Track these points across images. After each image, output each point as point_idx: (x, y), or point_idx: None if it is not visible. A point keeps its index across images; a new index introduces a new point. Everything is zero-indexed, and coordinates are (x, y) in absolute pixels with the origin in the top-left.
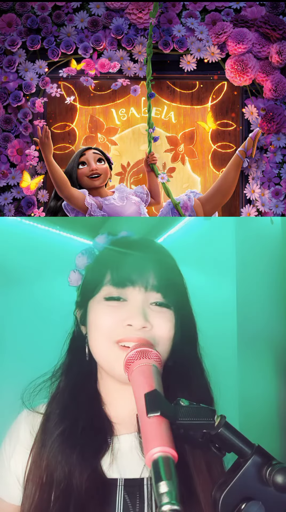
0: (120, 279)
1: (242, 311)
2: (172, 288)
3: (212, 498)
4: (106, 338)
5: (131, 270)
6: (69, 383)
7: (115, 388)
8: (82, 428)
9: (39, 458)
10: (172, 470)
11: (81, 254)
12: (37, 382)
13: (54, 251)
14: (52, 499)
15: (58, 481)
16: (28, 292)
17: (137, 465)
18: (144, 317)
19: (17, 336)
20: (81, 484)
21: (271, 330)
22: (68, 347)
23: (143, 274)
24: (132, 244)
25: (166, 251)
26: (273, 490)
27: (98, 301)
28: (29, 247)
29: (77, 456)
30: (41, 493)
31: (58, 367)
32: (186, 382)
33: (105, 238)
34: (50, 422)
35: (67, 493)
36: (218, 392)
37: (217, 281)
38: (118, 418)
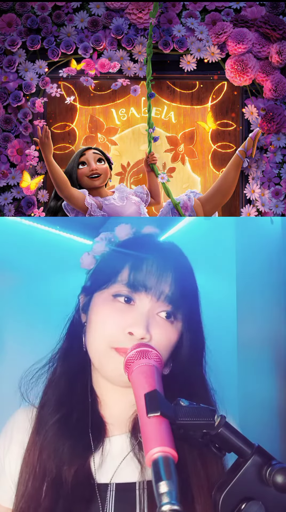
0: (135, 282)
1: (242, 311)
2: (185, 300)
3: (212, 498)
4: (104, 341)
5: (149, 275)
6: (66, 370)
7: (106, 387)
8: (76, 421)
9: (33, 447)
10: (172, 470)
11: (100, 239)
12: (35, 368)
13: (54, 251)
14: (43, 489)
15: (49, 471)
16: (28, 291)
17: (128, 469)
18: (146, 328)
19: (19, 335)
20: (69, 478)
21: (271, 330)
22: (67, 331)
23: (160, 283)
24: (155, 247)
25: (185, 259)
26: (273, 490)
27: (105, 298)
28: (29, 247)
29: (68, 450)
30: (34, 482)
31: (55, 351)
32: (187, 390)
33: (128, 229)
34: (45, 409)
35: (56, 484)
36: (220, 397)
37: (217, 281)
38: (111, 418)
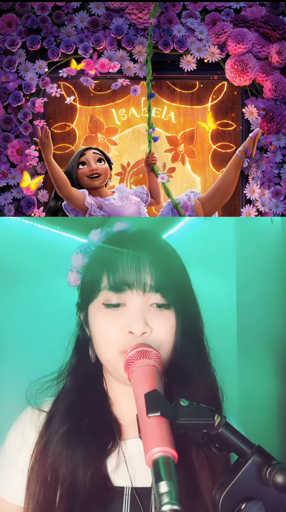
0: (116, 283)
1: (242, 311)
2: (172, 286)
3: (212, 498)
4: (110, 347)
5: (127, 272)
6: (76, 383)
7: (121, 389)
8: (87, 426)
9: (43, 457)
10: (172, 470)
11: (76, 253)
12: (43, 381)
13: (54, 251)
14: (57, 497)
15: (63, 478)
16: (28, 291)
17: (144, 472)
18: (144, 322)
19: (19, 335)
20: (84, 483)
21: (271, 330)
22: (73, 347)
23: (139, 275)
24: (127, 240)
25: (165, 246)
26: (273, 490)
27: (98, 307)
28: (29, 247)
29: (81, 453)
30: (46, 492)
31: (64, 367)
32: (190, 381)
33: (99, 233)
34: (55, 420)
35: (72, 491)
36: (223, 390)
37: (217, 281)
38: (126, 419)
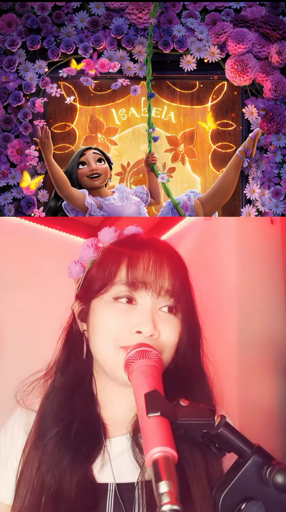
0: (134, 280)
1: (242, 311)
2: (183, 294)
3: (212, 498)
4: (111, 342)
5: (147, 272)
6: (65, 382)
7: (112, 389)
8: (76, 431)
9: (31, 460)
10: (172, 470)
11: (86, 246)
12: (30, 380)
13: (54, 251)
14: (42, 503)
15: (49, 485)
16: (28, 291)
17: (128, 469)
18: (153, 325)
19: (16, 334)
20: (70, 489)
21: (271, 330)
22: (63, 342)
23: (158, 278)
24: (140, 244)
25: (178, 253)
26: (273, 490)
27: (106, 300)
28: (29, 247)
29: (69, 460)
30: (31, 496)
31: (52, 363)
32: (189, 386)
33: (113, 232)
34: (44, 422)
35: (57, 498)
36: (220, 395)
37: (217, 281)
38: (112, 420)
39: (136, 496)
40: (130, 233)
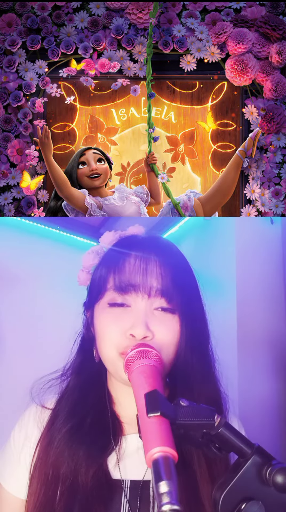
0: (122, 284)
1: (242, 311)
2: (179, 292)
3: (212, 498)
4: (111, 348)
5: (133, 274)
6: (79, 382)
7: (124, 388)
8: (90, 425)
9: (45, 455)
10: (172, 470)
11: (87, 253)
12: (47, 379)
13: (54, 251)
14: (57, 495)
15: (64, 477)
16: (29, 290)
17: (142, 467)
18: (145, 326)
19: (21, 332)
20: (86, 481)
21: (271, 330)
22: (78, 346)
23: (146, 278)
24: (138, 244)
25: (173, 249)
26: (273, 490)
27: (102, 307)
28: (29, 247)
29: (84, 452)
30: (46, 490)
31: (68, 366)
32: (194, 389)
33: (112, 236)
34: (58, 419)
35: (73, 490)
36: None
37: (217, 281)
38: (127, 417)
39: (150, 493)
40: (130, 233)
